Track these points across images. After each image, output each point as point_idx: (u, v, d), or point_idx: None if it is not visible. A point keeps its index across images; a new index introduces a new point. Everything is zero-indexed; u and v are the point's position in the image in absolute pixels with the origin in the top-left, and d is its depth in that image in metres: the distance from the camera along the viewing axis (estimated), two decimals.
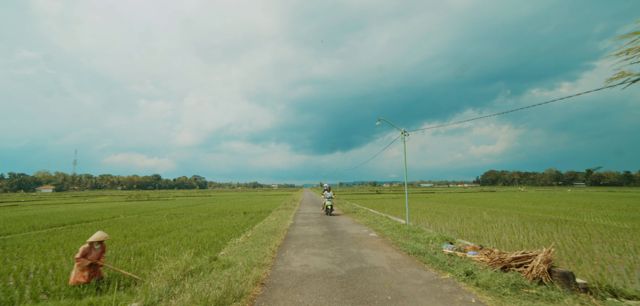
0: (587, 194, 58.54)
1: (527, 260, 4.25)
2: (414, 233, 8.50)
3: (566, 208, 23.70)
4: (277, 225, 11.88)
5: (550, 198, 40.40)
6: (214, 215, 20.03)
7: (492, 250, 5.42)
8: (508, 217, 18.21)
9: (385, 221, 12.29)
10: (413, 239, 7.71)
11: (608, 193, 61.66)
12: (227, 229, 12.78)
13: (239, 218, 17.84)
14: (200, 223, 15.34)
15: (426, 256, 6.10)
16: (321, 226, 11.83)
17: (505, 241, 10.14)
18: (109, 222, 16.57)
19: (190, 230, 13.20)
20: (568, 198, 40.12)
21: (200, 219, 17.59)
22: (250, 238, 8.62)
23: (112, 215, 20.94)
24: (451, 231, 12.21)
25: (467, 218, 17.30)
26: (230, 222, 15.74)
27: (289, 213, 17.57)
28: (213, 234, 11.54)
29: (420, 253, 6.38)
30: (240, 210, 23.25)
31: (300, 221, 13.63)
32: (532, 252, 4.32)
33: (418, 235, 8.08)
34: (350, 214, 16.44)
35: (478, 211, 22.31)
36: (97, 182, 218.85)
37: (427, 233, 8.45)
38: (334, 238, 9.00)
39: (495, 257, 4.73)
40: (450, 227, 13.53)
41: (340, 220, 13.94)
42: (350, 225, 12.24)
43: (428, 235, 8.06)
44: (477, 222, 15.22)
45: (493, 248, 5.53)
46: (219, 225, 14.13)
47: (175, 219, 17.84)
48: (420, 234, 8.20)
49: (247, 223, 14.53)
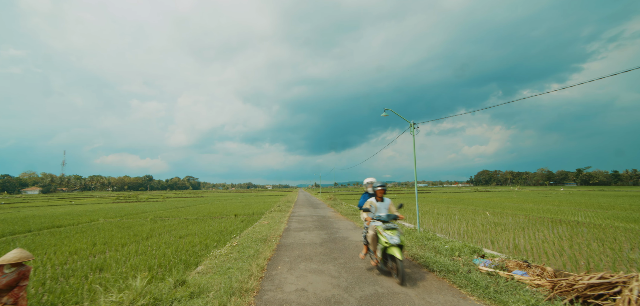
0: (582, 193, 58.62)
1: (611, 289, 3.06)
2: (429, 240, 7.20)
3: (569, 208, 22.94)
4: (269, 230, 10.54)
5: (547, 198, 39.93)
6: (202, 218, 18.57)
7: (543, 267, 4.17)
8: (514, 217, 17.24)
9: None
10: (432, 249, 6.36)
11: (600, 193, 61.92)
12: (213, 235, 11.42)
13: (228, 221, 16.45)
14: (185, 228, 13.92)
15: (459, 276, 4.66)
16: (319, 231, 10.46)
17: (526, 246, 9.04)
18: (84, 227, 14.99)
19: (172, 235, 11.79)
20: (565, 198, 39.70)
21: (187, 223, 16.14)
22: (236, 248, 7.25)
23: (91, 218, 19.28)
24: (461, 235, 11.07)
25: (472, 219, 16.25)
26: (218, 225, 14.35)
27: (282, 216, 16.25)
28: (196, 241, 10.18)
29: (448, 270, 4.97)
30: (231, 212, 21.81)
31: (294, 225, 12.29)
32: (614, 277, 3.13)
33: (435, 243, 6.74)
34: (349, 217, 15.12)
35: (480, 211, 21.36)
36: (86, 183, 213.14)
37: (445, 241, 7.05)
38: (336, 248, 7.64)
39: (559, 282, 3.47)
40: (457, 229, 12.41)
41: (340, 224, 12.61)
42: (351, 229, 10.89)
43: (447, 243, 6.67)
44: (484, 224, 14.16)
45: (544, 266, 4.25)
46: (204, 230, 12.74)
47: (159, 223, 16.35)
48: (436, 242, 6.87)
49: (236, 228, 13.17)
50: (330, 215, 16.83)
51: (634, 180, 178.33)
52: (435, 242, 6.85)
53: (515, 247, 8.84)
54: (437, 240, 7.15)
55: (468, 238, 10.35)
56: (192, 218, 18.98)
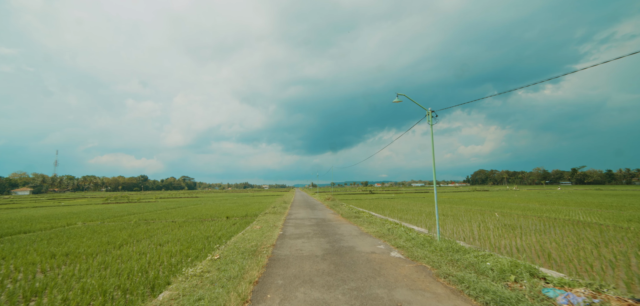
0: (581, 193, 58.07)
1: None
2: (457, 252, 5.80)
3: (577, 209, 21.87)
4: (261, 237, 9.14)
5: (549, 197, 39.03)
6: (190, 221, 17.10)
7: None
8: (526, 218, 16.06)
9: (402, 231, 9.64)
10: (467, 267, 4.96)
11: (598, 192, 61.48)
12: (198, 241, 10.01)
13: (219, 224, 15.03)
14: (169, 232, 12.48)
15: None
16: (319, 238, 9.05)
17: (560, 255, 7.77)
18: (56, 232, 13.44)
19: (151, 242, 10.35)
20: (568, 197, 38.85)
21: (173, 226, 14.68)
22: (217, 263, 5.83)
23: (69, 221, 17.67)
24: (477, 239, 9.79)
25: (483, 222, 15.03)
26: (206, 230, 12.93)
27: (277, 219, 14.86)
28: (176, 249, 8.77)
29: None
30: (223, 214, 20.37)
31: (291, 230, 10.90)
32: None
33: (466, 256, 5.29)
34: (352, 219, 13.74)
35: (487, 212, 20.16)
36: (79, 184, 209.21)
37: (481, 254, 5.56)
38: (343, 263, 6.09)
39: None
40: (470, 233, 11.15)
41: (343, 229, 11.20)
42: (357, 236, 9.52)
43: (485, 257, 5.21)
44: (498, 227, 12.91)
45: None
46: (189, 236, 11.30)
47: (142, 226, 14.86)
48: (468, 255, 5.42)
49: (226, 233, 11.77)
50: (330, 217, 15.48)
51: (627, 179, 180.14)
52: (467, 256, 5.41)
53: (549, 257, 7.55)
54: (467, 253, 5.72)
55: (485, 243, 9.07)
56: (179, 221, 17.50)
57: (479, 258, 5.33)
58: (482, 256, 5.45)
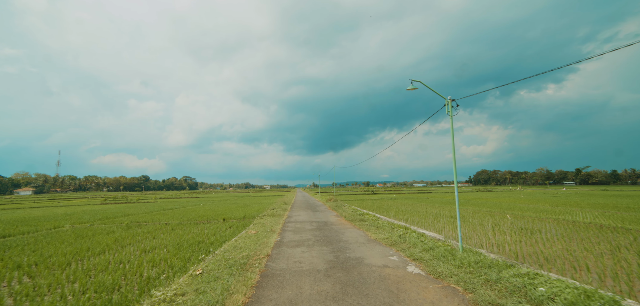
0: (589, 193, 56.70)
1: None
2: (490, 269, 4.62)
3: (592, 211, 20.73)
4: (255, 244, 8.16)
5: (557, 198, 37.82)
6: (185, 223, 16.17)
7: None
8: (541, 221, 15.00)
9: (415, 238, 8.61)
10: (517, 294, 3.71)
11: (604, 192, 60.12)
12: (188, 247, 9.06)
13: (214, 227, 14.09)
14: (159, 237, 11.55)
15: None
16: (321, 247, 7.99)
17: (602, 271, 6.72)
18: (39, 236, 12.54)
19: (136, 248, 9.43)
20: (576, 199, 37.61)
21: (165, 229, 13.75)
22: (197, 281, 4.81)
23: (57, 224, 16.78)
24: (493, 246, 8.76)
25: (496, 225, 13.99)
26: (200, 233, 11.99)
27: (276, 222, 13.89)
28: (161, 257, 7.83)
29: None
30: (220, 216, 19.43)
31: (289, 236, 9.89)
32: None
33: (506, 275, 4.24)
34: (356, 223, 12.68)
35: (497, 214, 19.08)
36: (81, 184, 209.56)
37: (522, 272, 4.38)
38: (350, 282, 4.94)
39: None
40: (485, 238, 10.13)
41: (347, 235, 10.14)
42: (364, 244, 8.46)
43: (528, 277, 4.10)
44: (514, 231, 11.87)
45: None
46: (180, 241, 10.36)
47: (132, 230, 13.95)
48: (507, 273, 4.36)
49: (219, 237, 10.82)
50: (332, 220, 14.46)
51: (632, 179, 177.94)
52: (505, 274, 4.14)
53: (587, 269, 6.48)
54: (504, 269, 4.50)
55: (505, 250, 8.04)
56: (173, 223, 16.58)
57: (524, 278, 4.10)
58: (528, 277, 4.23)
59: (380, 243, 8.48)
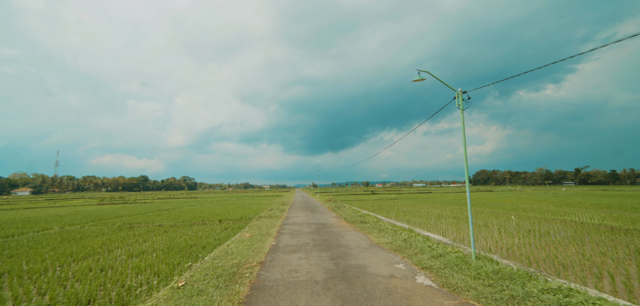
0: (590, 194, 56.33)
1: None
2: (511, 281, 3.94)
3: (598, 211, 20.24)
4: (248, 250, 7.61)
5: (559, 199, 37.39)
6: (179, 225, 15.62)
7: None
8: (547, 223, 14.51)
9: (421, 242, 8.04)
10: None
11: (604, 192, 59.83)
12: (177, 252, 8.53)
13: (209, 228, 13.55)
14: (150, 239, 11.01)
15: None
16: (320, 253, 7.42)
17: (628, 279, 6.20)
18: (23, 240, 11.96)
19: (123, 252, 8.89)
20: (578, 199, 37.17)
21: (157, 232, 13.21)
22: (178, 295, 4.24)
23: (46, 226, 16.20)
24: (501, 250, 8.25)
25: (502, 226, 13.49)
26: (193, 236, 11.45)
27: (273, 224, 13.35)
28: (148, 263, 7.30)
29: None
30: (217, 217, 18.89)
31: (286, 240, 9.34)
32: None
33: (533, 289, 3.66)
34: (357, 225, 12.13)
35: (501, 215, 18.57)
36: (79, 184, 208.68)
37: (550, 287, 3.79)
38: (353, 297, 4.40)
39: None
40: (492, 241, 9.62)
41: (348, 238, 9.57)
42: (366, 249, 7.86)
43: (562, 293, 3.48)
44: (522, 233, 11.36)
45: None
46: (170, 244, 9.82)
47: (124, 232, 13.41)
48: (533, 286, 3.79)
49: (213, 240, 10.29)
50: (332, 222, 13.92)
51: (632, 179, 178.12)
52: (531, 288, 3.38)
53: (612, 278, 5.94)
54: (528, 281, 3.76)
55: (516, 254, 7.52)
56: (167, 225, 16.02)
57: (557, 296, 3.35)
58: (561, 294, 3.56)
59: (383, 248, 7.89)
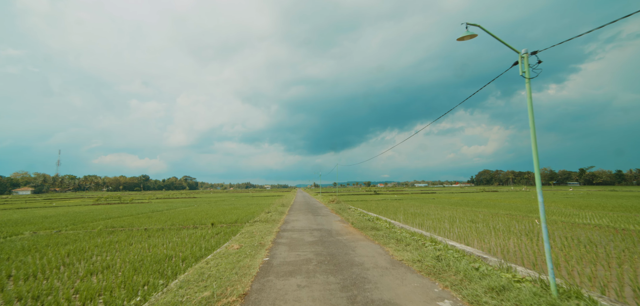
0: (600, 195, 54.43)
1: None
2: None
3: (625, 214, 18.48)
4: (231, 270, 5.91)
5: (571, 200, 35.62)
6: (166, 229, 14.09)
7: None
8: (580, 229, 12.88)
9: (458, 258, 6.29)
10: None
11: (613, 193, 57.98)
12: (149, 266, 6.99)
13: (200, 233, 12.01)
14: (126, 248, 9.49)
15: None
16: (327, 277, 5.57)
17: None
18: None
19: (84, 267, 7.37)
20: (592, 200, 35.37)
21: (140, 237, 11.68)
22: None
23: (16, 231, 14.66)
24: (565, 271, 6.63)
25: (530, 233, 11.86)
26: (179, 243, 9.91)
27: (268, 230, 11.76)
28: (104, 285, 5.78)
29: None
30: (211, 219, 17.34)
31: (282, 254, 7.65)
32: None
33: None
34: (368, 232, 10.34)
35: (519, 218, 16.89)
36: (80, 183, 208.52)
37: None
38: None
39: None
40: (533, 253, 7.98)
41: (361, 251, 7.78)
42: (388, 270, 5.95)
43: None
44: (561, 243, 9.69)
45: None
46: (146, 255, 8.27)
47: (101, 237, 11.89)
48: None
49: (197, 250, 8.76)
50: (338, 228, 12.25)
51: (637, 179, 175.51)
52: None
53: None
54: None
55: (581, 279, 5.89)
56: (154, 228, 14.48)
57: None
58: None
59: (411, 270, 6.01)
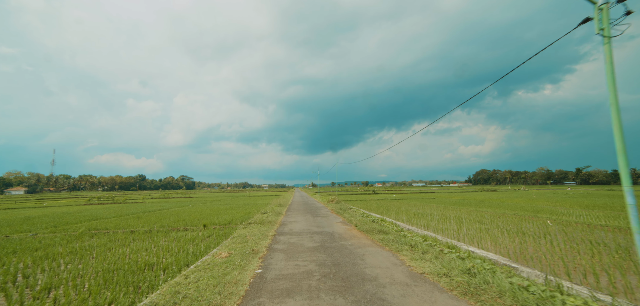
0: (600, 194, 54.01)
1: None
2: None
3: None
4: (214, 288, 4.75)
5: (573, 199, 34.98)
6: (155, 231, 13.05)
7: None
8: (600, 231, 12.02)
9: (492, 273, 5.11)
10: None
11: (610, 192, 57.70)
12: (122, 277, 6.00)
13: (190, 235, 10.99)
14: (104, 254, 8.46)
15: None
16: (334, 297, 4.39)
17: None
18: None
19: (45, 278, 6.28)
20: (596, 200, 34.75)
21: (123, 241, 10.64)
22: None
23: None
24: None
25: (546, 235, 10.96)
26: (164, 247, 8.90)
27: (263, 234, 10.75)
28: (66, 301, 4.68)
29: None
30: (204, 220, 16.29)
31: (278, 264, 6.58)
32: None
33: None
34: (375, 236, 9.25)
35: (529, 219, 16.02)
36: (75, 183, 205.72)
37: None
38: None
39: None
40: (561, 261, 7.07)
41: (371, 261, 6.61)
42: (410, 287, 4.76)
43: None
44: (589, 250, 8.82)
45: None
46: (120, 264, 7.22)
47: (79, 242, 10.86)
48: None
49: (183, 257, 7.76)
50: (341, 231, 11.23)
51: (633, 179, 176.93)
52: None
53: None
54: None
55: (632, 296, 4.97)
56: (141, 230, 13.42)
57: None
58: None
59: (439, 287, 4.89)
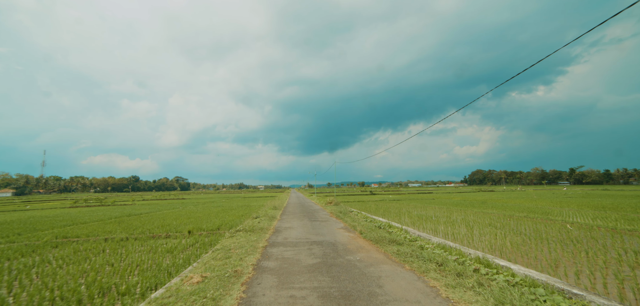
0: (597, 194, 53.59)
1: None
2: None
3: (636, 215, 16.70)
4: None
5: (573, 200, 34.23)
6: (134, 238, 11.57)
7: None
8: (628, 237, 10.89)
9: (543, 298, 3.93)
10: None
11: (605, 192, 57.61)
12: None
13: (172, 243, 9.55)
14: (56, 272, 6.98)
15: None
16: None
17: None
18: None
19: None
20: (596, 201, 34.03)
21: (94, 250, 9.17)
22: None
23: None
24: None
25: (573, 242, 9.81)
26: (137, 259, 7.47)
27: (252, 246, 9.35)
28: None
29: None
30: (190, 225, 14.81)
31: (267, 293, 5.15)
32: None
33: None
34: (386, 247, 7.81)
35: (543, 222, 14.88)
36: (66, 185, 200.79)
37: None
38: None
39: None
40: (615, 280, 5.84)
41: (391, 287, 4.57)
42: None
43: None
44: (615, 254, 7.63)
45: None
46: (68, 288, 5.86)
47: (38, 253, 9.36)
48: None
49: (150, 276, 6.40)
50: (344, 240, 9.78)
51: (624, 179, 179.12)
52: None
53: None
54: None
55: None
56: (118, 237, 11.90)
57: None
58: None
59: None
